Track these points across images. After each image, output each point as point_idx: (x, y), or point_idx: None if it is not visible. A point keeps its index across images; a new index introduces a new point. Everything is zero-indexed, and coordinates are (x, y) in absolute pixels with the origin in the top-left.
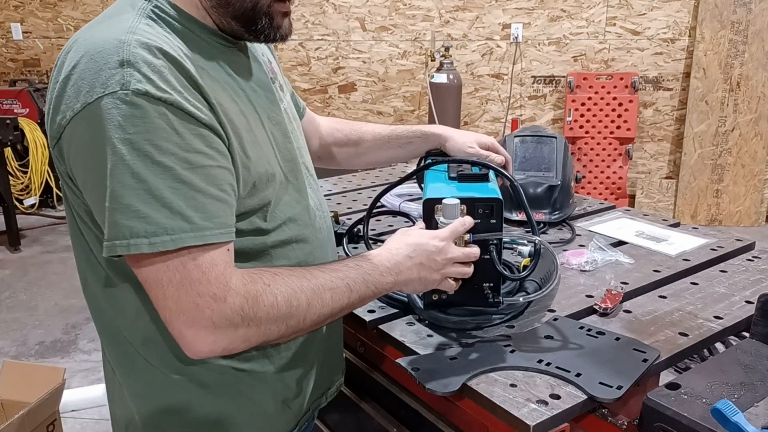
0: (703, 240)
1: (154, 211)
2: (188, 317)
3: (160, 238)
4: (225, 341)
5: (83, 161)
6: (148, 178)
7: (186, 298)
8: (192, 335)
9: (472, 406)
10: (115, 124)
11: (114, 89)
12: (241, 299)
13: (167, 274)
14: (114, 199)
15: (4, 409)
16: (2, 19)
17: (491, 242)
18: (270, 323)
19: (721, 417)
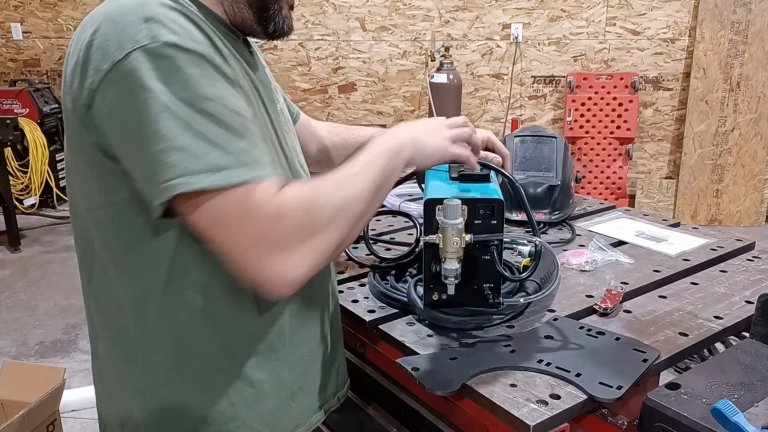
0: (703, 240)
1: (208, 151)
2: (258, 251)
3: (219, 174)
4: (300, 260)
5: (122, 118)
6: (197, 120)
7: (249, 230)
8: (269, 268)
9: (472, 406)
10: (151, 75)
11: (144, 42)
12: (296, 212)
13: (226, 210)
14: (167, 142)
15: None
16: (2, 19)
17: (492, 243)
18: (329, 224)
19: (721, 417)
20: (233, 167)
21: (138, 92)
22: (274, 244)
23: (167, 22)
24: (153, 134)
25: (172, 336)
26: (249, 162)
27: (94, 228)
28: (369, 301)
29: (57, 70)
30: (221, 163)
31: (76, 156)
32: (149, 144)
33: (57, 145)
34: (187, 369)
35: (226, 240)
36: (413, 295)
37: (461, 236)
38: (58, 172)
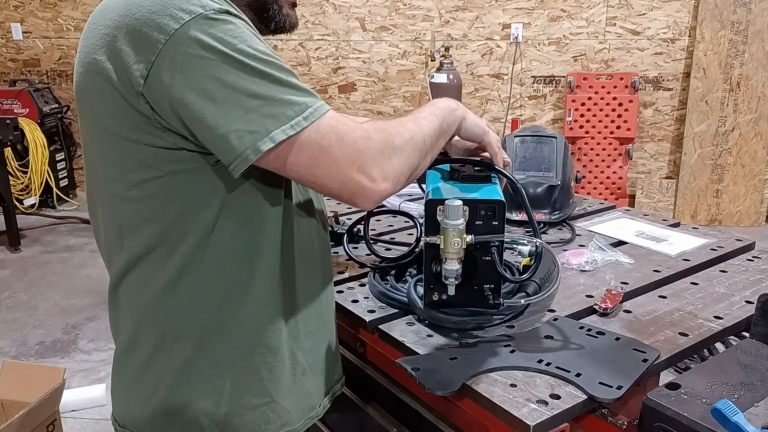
0: (703, 240)
1: (290, 95)
2: (359, 163)
3: (308, 112)
4: (390, 173)
5: (191, 83)
6: (271, 71)
7: (348, 149)
8: (367, 180)
9: (472, 406)
10: (219, 40)
11: (198, 11)
12: (378, 133)
13: (326, 138)
14: (256, 97)
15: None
16: (2, 19)
17: (493, 244)
18: (405, 145)
19: (721, 417)
20: (313, 104)
21: (210, 56)
22: (371, 159)
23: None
24: (237, 93)
25: (206, 307)
26: (316, 95)
27: (120, 212)
28: (369, 301)
29: (57, 70)
30: (305, 101)
31: (111, 137)
32: (237, 102)
33: (57, 145)
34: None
35: (333, 163)
36: (413, 295)
37: (462, 237)
38: (58, 172)
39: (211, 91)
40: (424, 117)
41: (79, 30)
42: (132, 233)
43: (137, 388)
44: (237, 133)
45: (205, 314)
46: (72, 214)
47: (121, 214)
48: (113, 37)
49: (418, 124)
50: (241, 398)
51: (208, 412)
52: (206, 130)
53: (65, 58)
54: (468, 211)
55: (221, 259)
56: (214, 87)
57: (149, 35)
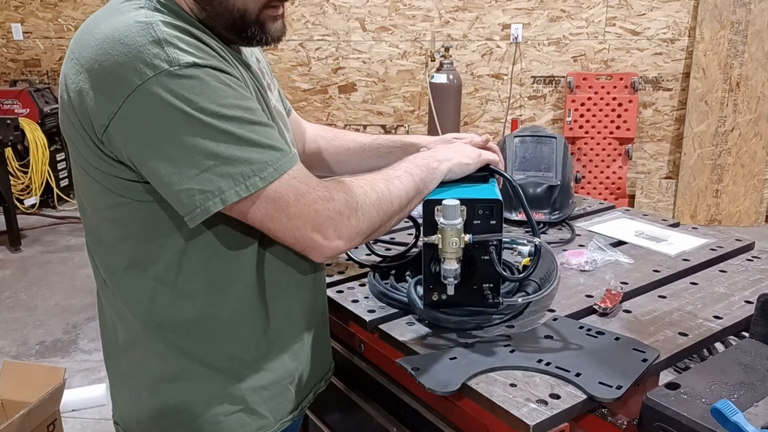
0: (703, 240)
1: (250, 153)
2: (313, 222)
3: (266, 172)
4: (345, 232)
5: (149, 139)
6: (232, 129)
7: (306, 208)
8: (321, 238)
9: (472, 406)
10: (180, 98)
11: (163, 68)
12: (342, 194)
13: (283, 198)
14: (213, 157)
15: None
16: (2, 20)
17: (491, 243)
18: (369, 208)
19: (720, 417)
20: (276, 161)
21: (168, 115)
22: (327, 220)
23: (178, 43)
24: (197, 154)
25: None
26: (285, 150)
27: (103, 225)
28: (369, 301)
29: (57, 70)
30: (266, 159)
31: (79, 159)
32: (192, 162)
33: (57, 145)
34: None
35: (288, 221)
36: (413, 295)
37: (460, 237)
38: (59, 172)
39: (167, 150)
40: (398, 176)
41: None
42: (109, 247)
43: (125, 390)
44: (188, 192)
45: (179, 329)
46: (72, 214)
47: (99, 228)
48: (83, 77)
49: (390, 185)
50: (217, 406)
51: (185, 419)
52: (160, 185)
53: None
54: (466, 210)
55: (195, 280)
56: (171, 145)
57: (112, 87)
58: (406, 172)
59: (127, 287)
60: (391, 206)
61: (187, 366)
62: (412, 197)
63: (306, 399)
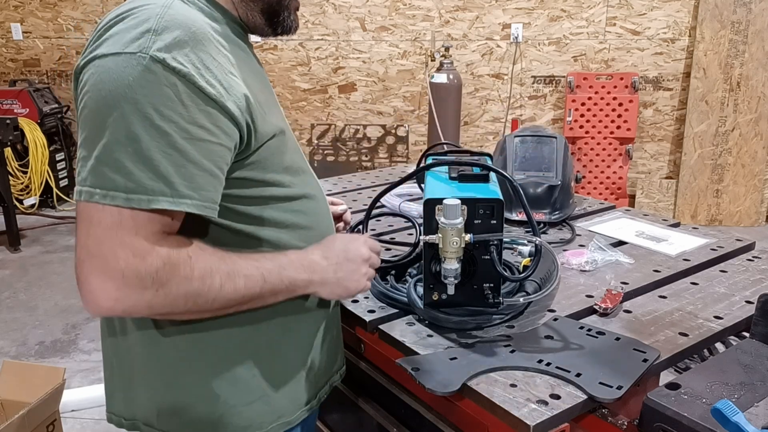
0: (703, 240)
1: (139, 170)
2: (101, 263)
3: (137, 196)
4: (129, 301)
5: (85, 105)
6: (143, 138)
7: (108, 243)
8: (98, 284)
9: (472, 406)
10: (124, 82)
11: (133, 50)
12: (159, 263)
13: (104, 216)
14: (105, 151)
15: (4, 409)
16: (2, 19)
17: (491, 243)
18: (179, 296)
19: (721, 417)
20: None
21: (107, 93)
22: (117, 273)
23: (165, 38)
24: (101, 139)
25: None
26: (181, 192)
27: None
28: (369, 301)
29: (57, 70)
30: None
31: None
32: (94, 144)
33: (57, 145)
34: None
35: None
36: (413, 295)
37: (461, 236)
38: (58, 172)
39: (89, 122)
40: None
41: (79, 30)
42: None
43: (138, 385)
44: (91, 170)
45: (196, 321)
46: (72, 214)
47: None
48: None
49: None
50: (235, 397)
51: (204, 411)
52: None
53: (65, 58)
54: (466, 210)
55: None
56: (87, 122)
57: (95, 46)
58: (263, 275)
59: None
60: (209, 305)
61: (204, 357)
62: (245, 303)
63: (323, 390)
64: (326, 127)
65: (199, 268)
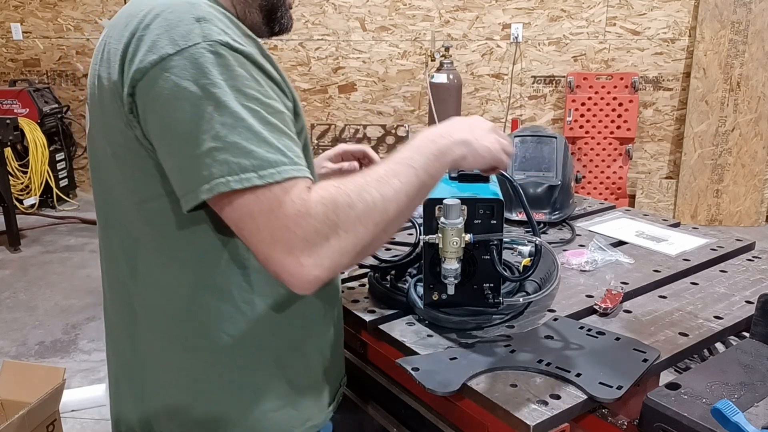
0: (703, 240)
1: (257, 146)
2: (283, 243)
3: (267, 171)
4: (326, 259)
5: (167, 111)
6: (246, 117)
7: (276, 222)
8: (294, 265)
9: (472, 406)
10: (203, 72)
11: (196, 41)
12: (321, 206)
13: (258, 204)
14: (218, 139)
15: (4, 409)
16: (2, 19)
17: (491, 243)
18: (356, 223)
19: (721, 417)
20: (280, 164)
21: (189, 87)
22: (300, 241)
23: (216, 23)
24: (201, 130)
25: (230, 321)
26: (287, 160)
27: (142, 220)
28: (369, 301)
29: (57, 70)
30: (272, 159)
31: (115, 146)
32: (196, 140)
33: (57, 145)
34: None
35: (255, 233)
36: (413, 295)
37: (461, 236)
38: (58, 172)
39: (174, 123)
40: (396, 173)
41: (79, 30)
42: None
43: (156, 392)
44: (182, 172)
45: (221, 325)
46: (72, 214)
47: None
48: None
49: (384, 187)
50: (264, 403)
51: (233, 419)
52: (163, 160)
53: (65, 58)
54: (466, 210)
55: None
56: (179, 119)
57: (144, 55)
58: (408, 164)
59: (166, 285)
60: (385, 215)
61: (230, 362)
62: (414, 196)
63: (339, 391)
64: (326, 127)
65: (352, 191)
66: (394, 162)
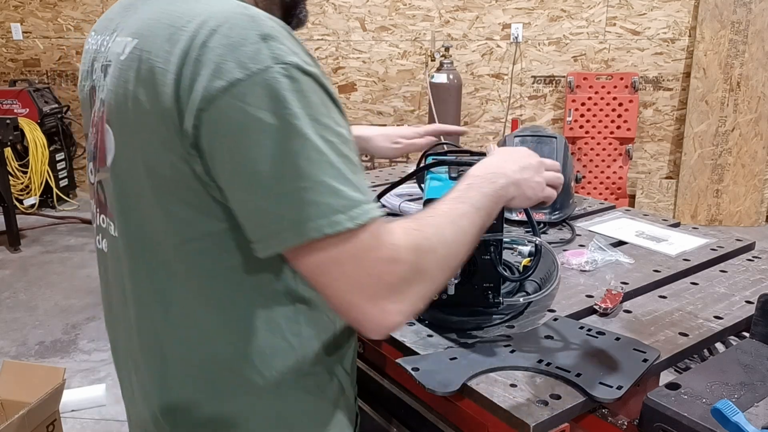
0: (703, 240)
1: (342, 184)
2: (370, 290)
3: (354, 212)
4: (408, 304)
5: (243, 145)
6: (326, 150)
7: (364, 270)
8: (376, 310)
9: (472, 406)
10: (280, 101)
11: (267, 64)
12: (409, 252)
13: (345, 249)
14: (304, 177)
15: (4, 409)
16: (2, 19)
17: (491, 243)
18: (436, 269)
19: (721, 417)
20: (363, 203)
21: (263, 119)
22: (387, 288)
23: (284, 40)
24: (284, 167)
25: (279, 355)
26: (368, 198)
27: (183, 260)
28: None
29: (57, 70)
30: (356, 198)
31: (158, 180)
32: (280, 178)
33: (57, 145)
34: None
35: (334, 281)
36: None
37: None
38: (58, 172)
39: (253, 159)
40: (464, 214)
41: (79, 30)
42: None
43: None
44: (265, 214)
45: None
46: (72, 214)
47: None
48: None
49: (457, 229)
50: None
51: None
52: (235, 201)
53: (65, 58)
54: None
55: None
56: (259, 154)
57: (209, 80)
58: (472, 204)
59: (205, 328)
60: (457, 259)
61: (273, 400)
62: (476, 237)
63: (356, 402)
64: None
65: (432, 235)
66: (459, 201)
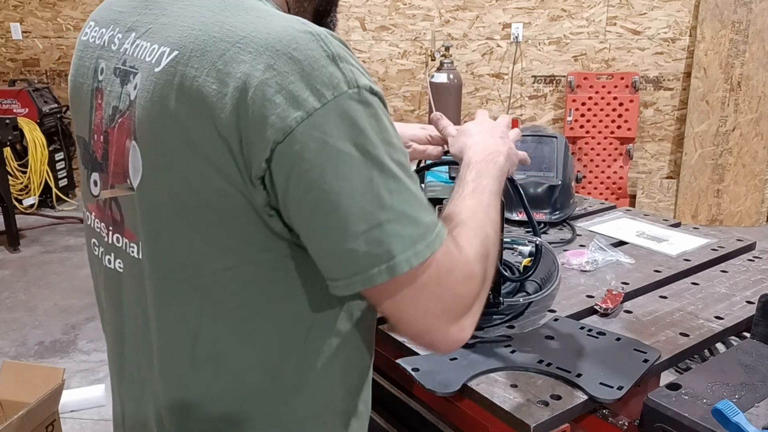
0: (704, 240)
1: (419, 211)
2: (452, 311)
3: (431, 237)
4: (477, 314)
5: (323, 178)
6: (401, 176)
7: (447, 292)
8: (456, 329)
9: (472, 407)
10: (357, 129)
11: (342, 89)
12: (479, 265)
13: (427, 275)
14: (387, 209)
15: (3, 409)
16: (2, 19)
17: None
18: (492, 271)
19: (721, 417)
20: (436, 226)
21: (343, 150)
22: (463, 307)
23: (351, 59)
24: (368, 200)
25: (308, 389)
26: (436, 218)
27: (220, 287)
28: None
29: (56, 69)
30: (430, 222)
31: (203, 210)
32: (364, 212)
33: (56, 145)
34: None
35: (417, 308)
36: None
37: None
38: (57, 172)
39: (335, 194)
40: (490, 204)
41: (78, 30)
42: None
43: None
44: (350, 253)
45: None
46: (71, 214)
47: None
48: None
49: (494, 224)
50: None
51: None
52: (313, 239)
53: (65, 58)
54: None
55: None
56: (341, 189)
57: (283, 109)
58: (492, 192)
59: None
60: (494, 248)
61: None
62: (497, 219)
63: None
64: None
65: (483, 237)
66: (479, 192)
